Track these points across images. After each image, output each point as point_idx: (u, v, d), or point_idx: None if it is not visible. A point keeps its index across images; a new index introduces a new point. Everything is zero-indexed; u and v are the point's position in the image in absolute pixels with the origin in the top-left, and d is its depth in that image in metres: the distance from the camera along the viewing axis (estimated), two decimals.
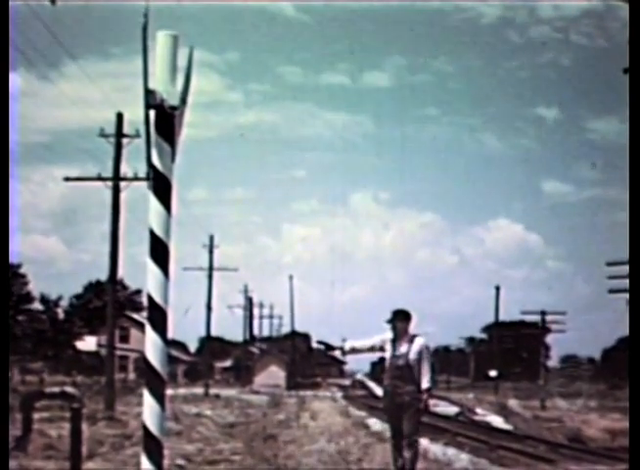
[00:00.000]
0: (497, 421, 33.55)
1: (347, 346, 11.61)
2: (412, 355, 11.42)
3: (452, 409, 41.23)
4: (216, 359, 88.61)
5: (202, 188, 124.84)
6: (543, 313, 53.65)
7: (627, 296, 28.03)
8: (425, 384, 11.41)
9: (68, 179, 32.65)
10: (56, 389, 17.30)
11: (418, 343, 11.51)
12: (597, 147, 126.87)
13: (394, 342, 11.49)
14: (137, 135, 29.68)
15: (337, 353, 11.87)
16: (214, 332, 66.89)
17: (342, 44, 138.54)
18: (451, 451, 18.13)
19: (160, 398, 5.32)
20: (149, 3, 5.25)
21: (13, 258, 79.05)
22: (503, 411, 39.48)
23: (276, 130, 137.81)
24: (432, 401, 12.54)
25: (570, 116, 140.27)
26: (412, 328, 11.54)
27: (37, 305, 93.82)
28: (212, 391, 52.51)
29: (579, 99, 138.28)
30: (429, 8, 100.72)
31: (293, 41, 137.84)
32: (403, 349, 11.45)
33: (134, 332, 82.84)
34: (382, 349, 11.59)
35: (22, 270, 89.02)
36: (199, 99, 75.54)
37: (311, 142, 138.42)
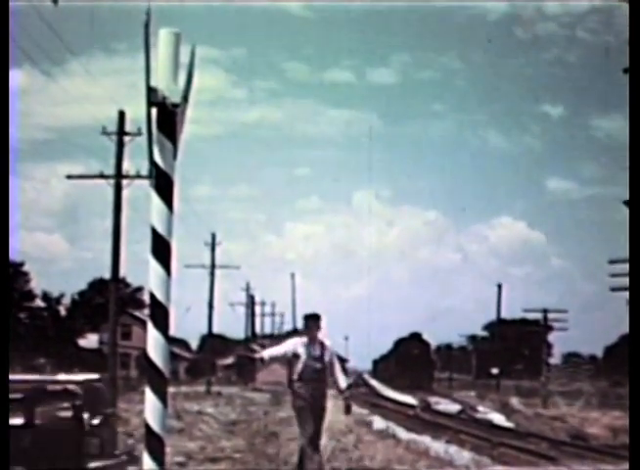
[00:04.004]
0: (499, 419, 33.55)
1: (266, 355, 12.06)
2: (327, 358, 11.62)
3: (454, 407, 41.24)
4: (218, 357, 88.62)
5: (204, 185, 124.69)
6: (545, 311, 53.64)
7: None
8: (343, 384, 11.73)
9: (70, 177, 32.70)
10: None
11: (329, 345, 11.76)
12: (601, 144, 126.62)
13: (308, 345, 11.66)
14: (139, 133, 29.72)
15: (258, 363, 12.36)
16: (216, 329, 66.89)
17: (347, 41, 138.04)
18: (453, 449, 18.18)
19: (161, 395, 5.32)
20: (151, 1, 5.24)
21: (15, 256, 79.22)
22: (505, 409, 39.46)
23: (280, 127, 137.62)
24: (433, 399, 12.63)
25: (574, 113, 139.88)
26: (410, 325, 11.70)
27: (39, 303, 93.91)
28: (214, 388, 52.53)
29: (584, 96, 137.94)
30: (434, 4, 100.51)
31: (298, 38, 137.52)
32: (317, 351, 11.62)
33: (136, 329, 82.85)
34: (294, 354, 11.75)
35: (25, 268, 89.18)
36: (203, 96, 75.60)
37: (315, 139, 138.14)
